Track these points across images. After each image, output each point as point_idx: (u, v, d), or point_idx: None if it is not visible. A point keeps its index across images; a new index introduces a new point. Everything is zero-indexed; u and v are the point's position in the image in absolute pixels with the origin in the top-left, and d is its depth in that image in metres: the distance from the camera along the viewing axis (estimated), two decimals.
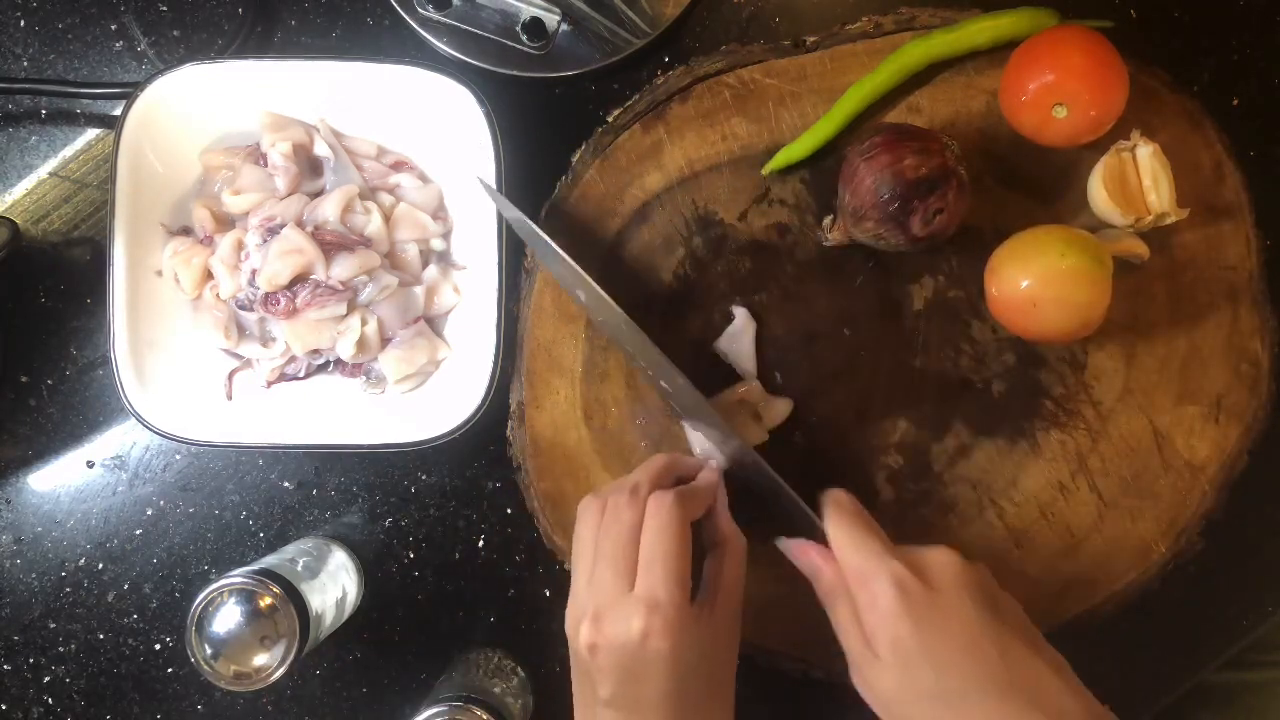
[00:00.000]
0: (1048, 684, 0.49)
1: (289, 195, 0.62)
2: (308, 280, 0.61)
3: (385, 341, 0.63)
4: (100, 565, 0.67)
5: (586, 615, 0.50)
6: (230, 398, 0.64)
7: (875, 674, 0.51)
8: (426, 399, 0.63)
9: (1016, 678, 0.49)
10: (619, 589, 0.50)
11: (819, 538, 0.55)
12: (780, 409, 0.63)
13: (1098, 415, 0.63)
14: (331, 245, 0.61)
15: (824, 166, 0.64)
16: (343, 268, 0.61)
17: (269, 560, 0.62)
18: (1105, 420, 0.63)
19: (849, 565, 0.52)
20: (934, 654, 0.49)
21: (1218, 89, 0.66)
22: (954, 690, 0.49)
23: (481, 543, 0.67)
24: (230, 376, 0.64)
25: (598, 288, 0.57)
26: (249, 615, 0.56)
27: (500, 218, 0.60)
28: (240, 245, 0.62)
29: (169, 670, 0.67)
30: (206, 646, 0.56)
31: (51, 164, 0.68)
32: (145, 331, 0.61)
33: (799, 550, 0.56)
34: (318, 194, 0.63)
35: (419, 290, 0.63)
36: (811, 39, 0.64)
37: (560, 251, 0.58)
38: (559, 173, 0.64)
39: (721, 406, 0.62)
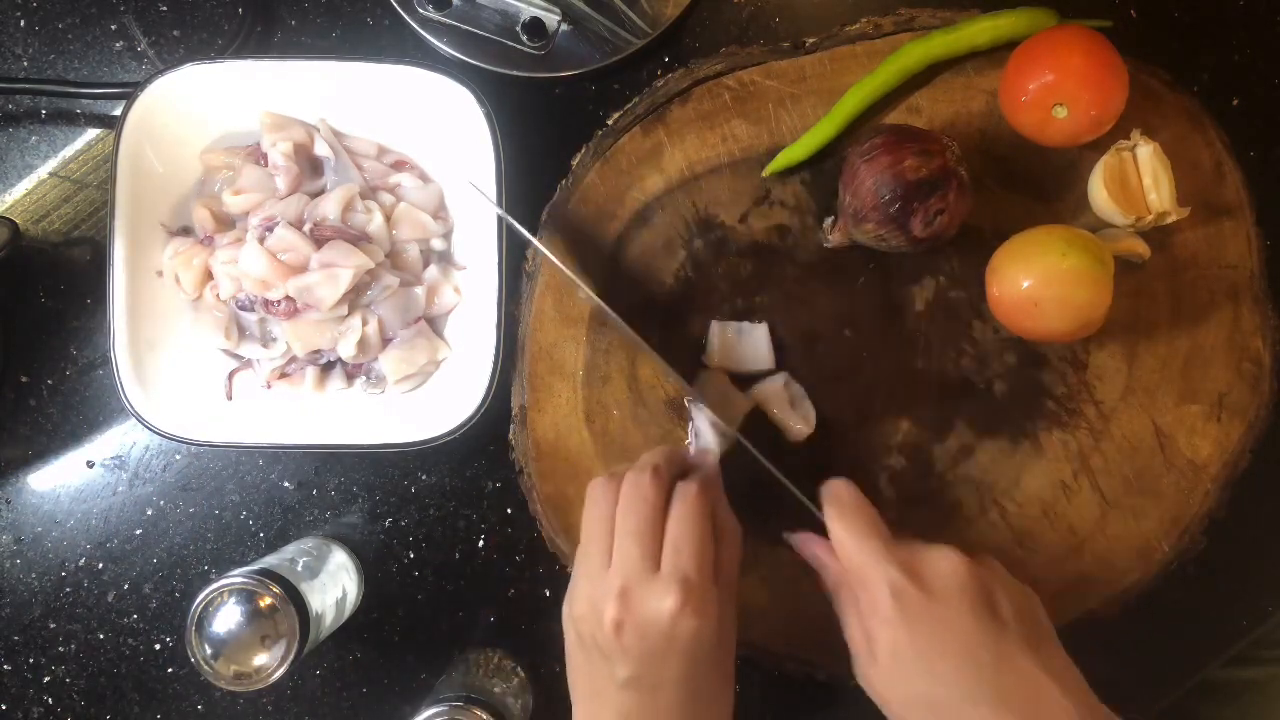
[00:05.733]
0: (1045, 693, 0.48)
1: (289, 195, 0.62)
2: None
3: (386, 341, 0.63)
4: (100, 565, 0.67)
5: (612, 593, 0.49)
6: (230, 398, 0.64)
7: (873, 675, 0.51)
8: (426, 399, 0.63)
9: (1010, 689, 0.48)
10: (646, 567, 0.50)
11: (823, 530, 0.55)
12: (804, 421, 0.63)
13: (1100, 415, 0.63)
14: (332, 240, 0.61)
15: (824, 168, 0.64)
16: (343, 253, 0.61)
17: (269, 560, 0.62)
18: (1107, 420, 0.63)
19: (849, 566, 0.52)
20: (928, 663, 0.49)
21: (1218, 89, 0.66)
22: (946, 700, 0.49)
23: (481, 543, 0.66)
24: (230, 377, 0.64)
25: (591, 294, 0.58)
26: (249, 615, 0.56)
27: (500, 219, 0.60)
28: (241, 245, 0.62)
29: (169, 670, 0.67)
30: (206, 646, 0.56)
31: (51, 164, 0.68)
32: (145, 331, 0.61)
33: (804, 544, 0.56)
34: (318, 194, 0.63)
35: (419, 290, 0.63)
36: (811, 40, 0.64)
37: (554, 258, 0.59)
38: (559, 173, 0.64)
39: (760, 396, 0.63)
